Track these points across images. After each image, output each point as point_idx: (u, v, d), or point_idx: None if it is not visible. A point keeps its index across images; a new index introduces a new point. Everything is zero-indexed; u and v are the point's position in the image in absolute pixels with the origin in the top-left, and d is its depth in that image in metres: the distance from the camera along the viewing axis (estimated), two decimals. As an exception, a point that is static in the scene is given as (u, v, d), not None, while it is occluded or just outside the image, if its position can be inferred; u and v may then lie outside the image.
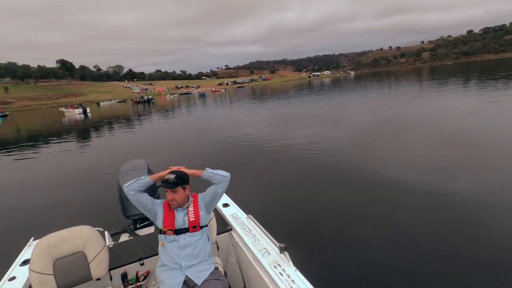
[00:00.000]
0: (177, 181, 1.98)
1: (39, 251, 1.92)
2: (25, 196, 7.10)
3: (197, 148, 10.80)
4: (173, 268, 1.95)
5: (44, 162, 11.37)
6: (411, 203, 4.74)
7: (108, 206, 5.14)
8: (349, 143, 9.24)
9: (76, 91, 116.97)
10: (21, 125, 32.11)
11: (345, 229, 4.22)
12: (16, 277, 2.14)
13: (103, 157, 11.33)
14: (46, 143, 16.12)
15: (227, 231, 2.61)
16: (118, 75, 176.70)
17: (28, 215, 5.79)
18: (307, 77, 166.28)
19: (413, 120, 11.72)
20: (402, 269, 3.22)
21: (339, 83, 60.93)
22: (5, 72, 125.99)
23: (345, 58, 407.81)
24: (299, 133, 11.53)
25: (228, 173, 2.14)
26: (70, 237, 2.03)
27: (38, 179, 8.52)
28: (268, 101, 30.73)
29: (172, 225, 2.01)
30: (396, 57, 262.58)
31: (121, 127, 21.51)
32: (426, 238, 3.77)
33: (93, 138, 17.07)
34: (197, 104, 39.92)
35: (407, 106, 15.68)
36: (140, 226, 3.44)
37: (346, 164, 7.09)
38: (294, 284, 1.77)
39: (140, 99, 61.01)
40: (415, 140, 8.67)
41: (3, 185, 8.26)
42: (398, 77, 58.70)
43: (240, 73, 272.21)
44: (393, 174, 6.01)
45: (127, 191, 2.03)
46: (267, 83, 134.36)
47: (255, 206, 4.93)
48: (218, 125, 16.87)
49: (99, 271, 2.07)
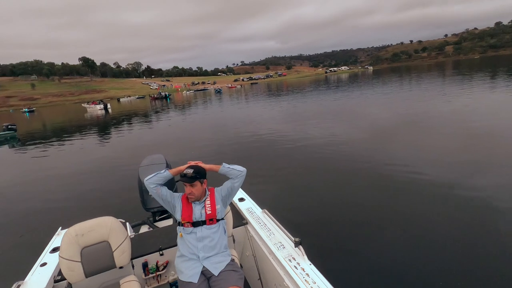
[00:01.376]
0: (195, 175, 2.05)
1: (68, 239, 2.05)
2: (52, 188, 7.50)
3: (213, 144, 10.96)
4: (191, 259, 2.02)
5: (68, 155, 11.91)
6: (431, 201, 4.63)
7: (129, 198, 5.35)
8: (366, 140, 9.08)
9: (98, 88, 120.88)
10: (47, 120, 33.67)
11: (361, 225, 4.19)
12: (47, 263, 2.29)
13: (123, 151, 11.75)
14: (70, 137, 16.84)
15: (242, 224, 2.66)
16: (136, 71, 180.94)
17: (55, 206, 6.11)
18: (323, 73, 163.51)
19: (435, 116, 11.32)
20: (417, 266, 3.18)
21: (357, 78, 59.58)
22: (32, 69, 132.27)
23: (363, 53, 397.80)
24: (315, 129, 11.43)
25: (244, 168, 2.18)
26: (96, 227, 2.14)
27: (63, 172, 8.96)
28: (284, 97, 30.55)
29: (190, 217, 2.08)
30: (418, 52, 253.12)
31: (140, 122, 22.10)
32: (445, 236, 3.68)
33: (114, 133, 17.65)
34: (213, 100, 40.27)
35: (429, 102, 15.15)
36: (159, 218, 3.56)
37: (363, 160, 6.98)
38: (308, 277, 1.80)
39: (158, 95, 62.33)
40: (436, 138, 8.39)
41: (32, 177, 8.73)
42: (420, 72, 56.63)
43: (256, 69, 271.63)
44: (412, 170, 5.88)
45: (148, 185, 2.11)
46: (283, 79, 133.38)
47: (270, 201, 4.99)
48: (234, 121, 16.99)
49: (122, 260, 2.18)
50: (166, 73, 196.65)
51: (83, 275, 2.05)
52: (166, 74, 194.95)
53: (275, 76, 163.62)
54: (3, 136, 18.36)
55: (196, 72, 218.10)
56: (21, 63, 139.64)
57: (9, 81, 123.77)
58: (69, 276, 2.03)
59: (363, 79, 54.10)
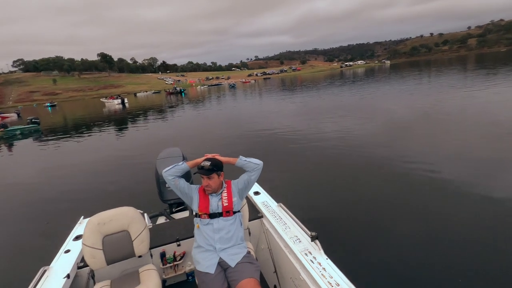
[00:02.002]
0: (212, 168, 2.07)
1: (91, 227, 2.13)
2: (73, 179, 7.78)
3: (228, 138, 11.02)
4: (208, 250, 2.06)
5: (88, 148, 12.30)
6: (449, 199, 4.49)
7: (146, 190, 5.49)
8: (383, 135, 8.87)
9: (115, 83, 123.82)
10: (68, 114, 34.87)
11: (378, 221, 4.13)
12: (71, 250, 2.38)
13: (140, 144, 12.03)
14: (90, 131, 17.38)
15: (258, 218, 2.67)
16: (152, 67, 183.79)
17: (76, 197, 6.35)
18: (338, 67, 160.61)
19: (456, 113, 10.90)
20: (434, 264, 3.11)
21: (373, 73, 58.12)
22: (54, 65, 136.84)
23: (380, 47, 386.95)
24: (330, 124, 11.27)
25: (261, 161, 2.18)
26: (116, 216, 2.21)
27: (83, 164, 9.27)
28: (298, 92, 30.24)
29: (207, 209, 2.10)
30: (438, 45, 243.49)
31: (156, 116, 22.51)
32: (464, 237, 3.57)
33: (131, 127, 18.06)
34: (227, 95, 40.40)
35: (449, 97, 14.59)
36: (176, 210, 3.63)
37: (380, 156, 6.84)
38: (325, 272, 1.79)
39: (173, 90, 63.14)
40: (457, 134, 8.08)
41: (54, 169, 9.09)
42: (440, 66, 54.55)
43: (270, 64, 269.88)
44: (430, 167, 5.71)
45: (166, 176, 2.15)
46: (297, 74, 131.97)
47: (286, 195, 4.97)
48: (248, 116, 17.00)
49: (141, 249, 2.24)
50: (181, 68, 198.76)
51: (105, 262, 2.13)
52: (181, 69, 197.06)
53: (289, 71, 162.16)
54: (27, 129, 19.17)
55: (211, 67, 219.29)
56: (43, 59, 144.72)
57: (32, 76, 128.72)
58: (91, 263, 2.11)
59: (380, 73, 52.71)
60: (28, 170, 9.25)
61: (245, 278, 1.87)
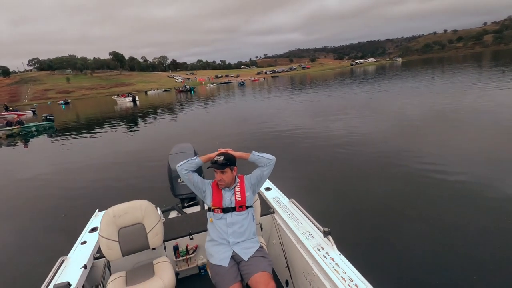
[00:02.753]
0: (226, 162, 2.08)
1: (106, 220, 2.18)
2: (88, 174, 7.96)
3: (238, 135, 11.06)
4: (221, 243, 2.08)
5: (100, 144, 12.55)
6: (465, 198, 4.40)
7: (159, 185, 5.57)
8: (396, 133, 8.73)
9: (126, 81, 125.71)
10: (80, 112, 35.62)
11: (391, 218, 4.10)
12: (87, 242, 2.45)
13: (151, 140, 12.22)
14: (102, 128, 17.71)
15: (269, 213, 2.68)
16: (162, 65, 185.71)
17: (90, 191, 6.51)
18: (349, 65, 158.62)
19: (469, 112, 10.63)
20: (448, 262, 3.07)
21: (384, 71, 57.16)
22: (67, 64, 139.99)
23: (392, 44, 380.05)
24: (341, 122, 11.17)
25: (273, 157, 2.19)
26: (131, 209, 2.25)
27: (96, 160, 9.48)
28: (307, 90, 30.03)
29: (220, 203, 2.12)
30: (452, 42, 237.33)
31: (166, 114, 22.76)
32: (480, 238, 3.49)
33: (142, 124, 18.32)
34: (236, 93, 40.47)
35: (463, 95, 14.24)
36: (188, 205, 3.68)
37: (393, 154, 6.75)
38: (338, 267, 1.78)
39: (183, 88, 63.78)
40: (472, 134, 7.89)
41: (69, 164, 9.31)
42: (454, 63, 53.17)
43: (279, 62, 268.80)
44: (445, 167, 5.60)
45: (180, 171, 2.18)
46: (307, 72, 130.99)
47: (297, 191, 4.94)
48: (257, 114, 16.98)
49: (155, 242, 2.28)
50: (190, 67, 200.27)
51: (120, 254, 2.18)
52: (191, 67, 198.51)
53: (299, 69, 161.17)
54: (42, 126, 19.67)
55: (220, 65, 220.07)
56: (58, 58, 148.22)
57: (47, 75, 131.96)
58: (107, 254, 2.17)
59: (391, 71, 51.80)
60: (43, 165, 9.50)
61: (258, 271, 1.89)
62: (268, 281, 1.83)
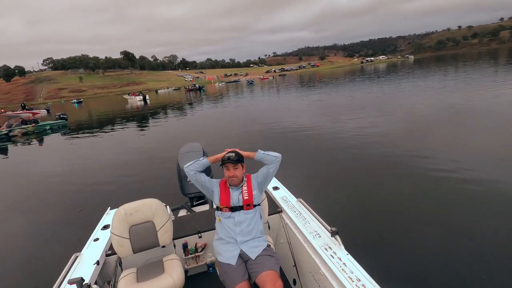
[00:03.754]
0: (238, 158, 2.14)
1: (118, 218, 2.24)
2: (100, 172, 8.15)
3: (246, 134, 11.09)
4: (229, 242, 2.11)
5: (112, 143, 12.80)
6: (477, 200, 4.30)
7: (168, 184, 5.66)
8: (407, 133, 8.58)
9: (137, 80, 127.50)
10: (93, 111, 36.33)
11: (400, 218, 4.05)
12: (99, 239, 2.52)
13: (161, 139, 12.40)
14: (114, 127, 18.03)
15: (277, 212, 2.70)
16: (172, 64, 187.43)
17: (102, 189, 6.65)
18: (359, 63, 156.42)
19: (484, 112, 10.36)
20: (457, 264, 3.03)
21: (395, 68, 56.17)
22: (80, 63, 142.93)
23: (403, 41, 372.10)
24: (350, 121, 11.05)
25: (279, 154, 2.21)
26: (142, 207, 2.31)
27: (107, 158, 9.68)
28: (316, 89, 29.80)
29: (227, 202, 2.16)
30: (467, 38, 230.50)
31: (176, 113, 22.99)
32: (489, 240, 3.41)
33: (152, 123, 18.56)
34: (245, 91, 40.50)
35: (479, 94, 13.87)
36: (196, 203, 3.73)
37: (403, 153, 6.65)
38: (345, 267, 1.78)
39: (192, 87, 64.28)
40: (489, 135, 7.68)
41: (80, 162, 9.53)
42: (469, 60, 51.76)
43: (288, 60, 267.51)
44: (457, 167, 5.49)
45: (188, 171, 2.22)
46: (316, 70, 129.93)
47: (305, 191, 4.94)
48: (266, 112, 16.98)
49: (165, 239, 2.33)
50: (200, 65, 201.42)
51: (131, 251, 2.24)
52: (200, 66, 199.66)
53: (308, 67, 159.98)
54: (55, 124, 20.16)
55: (229, 64, 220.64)
56: (70, 58, 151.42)
57: (60, 74, 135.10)
58: (119, 251, 2.23)
59: (403, 69, 50.85)
60: (56, 163, 9.75)
61: (265, 270, 1.91)
62: (275, 280, 1.84)
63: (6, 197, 6.98)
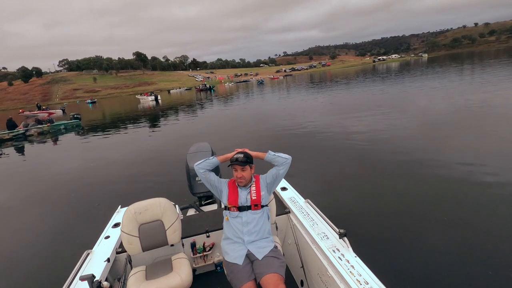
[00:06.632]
0: (246, 159, 2.14)
1: (128, 216, 2.28)
2: (111, 171, 8.32)
3: (255, 134, 11.09)
4: (236, 242, 2.11)
5: (124, 142, 13.01)
6: (489, 203, 4.16)
7: (177, 183, 5.72)
8: (417, 134, 8.39)
9: (149, 80, 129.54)
10: (106, 111, 37.12)
11: (409, 221, 3.96)
12: (110, 236, 2.57)
13: (171, 138, 12.55)
14: (126, 126, 18.35)
15: (285, 213, 2.69)
16: (183, 64, 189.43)
17: (113, 187, 6.78)
18: (371, 62, 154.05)
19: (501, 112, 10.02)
20: (472, 273, 2.91)
21: (408, 67, 55.03)
22: (94, 64, 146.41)
23: (417, 39, 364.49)
24: (359, 121, 10.90)
25: (289, 156, 2.20)
26: (151, 206, 2.34)
27: (118, 157, 9.86)
28: (327, 88, 29.52)
29: (235, 202, 2.16)
30: (484, 35, 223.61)
31: (186, 112, 23.23)
32: (505, 243, 3.29)
33: (163, 122, 18.80)
34: (255, 91, 40.52)
35: (496, 93, 13.43)
36: (205, 203, 3.76)
37: (413, 155, 6.50)
38: (353, 269, 1.76)
39: (203, 87, 64.80)
40: (502, 134, 7.44)
41: (93, 161, 9.74)
42: (487, 58, 50.16)
43: (298, 60, 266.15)
44: (469, 170, 5.33)
45: (197, 170, 2.23)
46: (327, 69, 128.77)
47: (313, 192, 4.92)
48: (276, 112, 16.93)
49: (174, 238, 2.36)
50: (210, 65, 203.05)
51: (141, 249, 2.27)
52: (211, 66, 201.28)
53: (319, 66, 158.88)
54: (70, 124, 20.70)
55: (239, 64, 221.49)
56: (85, 59, 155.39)
57: (75, 75, 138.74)
58: (129, 249, 2.26)
59: (416, 68, 49.76)
60: (70, 162, 9.98)
61: (269, 272, 1.89)
62: (278, 283, 1.82)
63: (18, 194, 7.19)
